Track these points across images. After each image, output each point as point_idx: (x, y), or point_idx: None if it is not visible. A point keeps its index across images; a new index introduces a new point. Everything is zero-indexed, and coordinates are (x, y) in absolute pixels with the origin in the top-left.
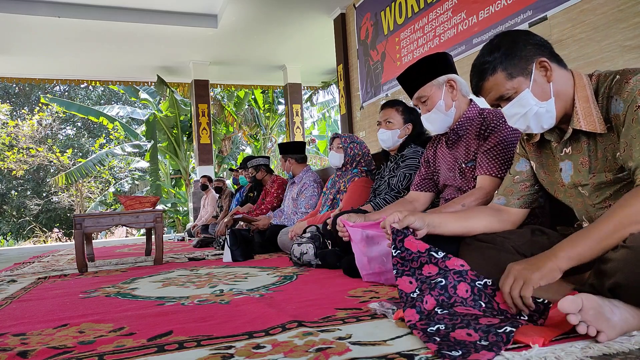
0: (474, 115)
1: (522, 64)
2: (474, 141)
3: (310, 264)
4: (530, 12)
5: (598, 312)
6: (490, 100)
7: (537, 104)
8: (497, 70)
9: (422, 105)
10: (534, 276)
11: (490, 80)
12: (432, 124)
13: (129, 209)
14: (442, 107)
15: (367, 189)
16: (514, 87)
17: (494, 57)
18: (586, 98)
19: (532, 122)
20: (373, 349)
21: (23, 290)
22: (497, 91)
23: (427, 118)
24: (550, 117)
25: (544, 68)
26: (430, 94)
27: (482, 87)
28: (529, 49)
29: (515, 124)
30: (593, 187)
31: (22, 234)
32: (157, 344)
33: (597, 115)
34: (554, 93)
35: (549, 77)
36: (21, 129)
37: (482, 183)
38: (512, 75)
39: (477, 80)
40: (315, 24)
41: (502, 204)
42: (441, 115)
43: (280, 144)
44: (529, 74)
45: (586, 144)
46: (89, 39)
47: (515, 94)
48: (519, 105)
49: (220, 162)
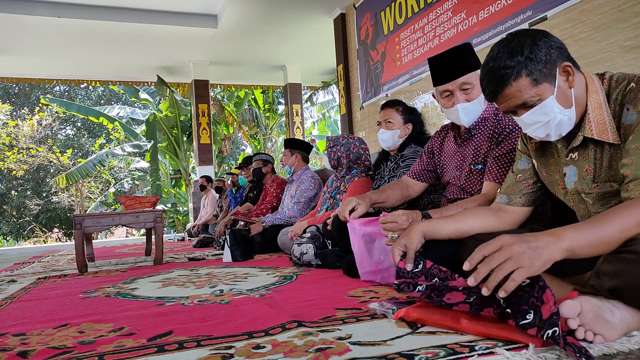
0: (489, 115)
1: (546, 69)
2: (485, 143)
3: (310, 264)
4: (530, 12)
5: (597, 315)
6: (508, 107)
7: (560, 112)
8: (521, 76)
9: (462, 92)
10: (534, 264)
11: (513, 87)
12: (468, 115)
13: (129, 209)
14: (482, 100)
15: (366, 189)
16: (538, 94)
17: (517, 61)
18: (599, 104)
19: (552, 131)
20: (373, 349)
21: (23, 290)
22: (519, 98)
23: (465, 108)
24: (570, 125)
25: (566, 73)
26: (475, 84)
27: (500, 94)
28: (552, 53)
29: (534, 133)
30: (597, 196)
31: (22, 234)
32: (157, 344)
33: (610, 124)
34: (575, 99)
35: (570, 82)
36: (21, 129)
37: (488, 189)
38: (537, 81)
39: (495, 86)
40: (315, 24)
41: (503, 202)
42: (478, 108)
43: (289, 138)
44: (553, 79)
45: (593, 152)
46: (89, 39)
47: (538, 101)
48: (541, 114)
49: (220, 162)
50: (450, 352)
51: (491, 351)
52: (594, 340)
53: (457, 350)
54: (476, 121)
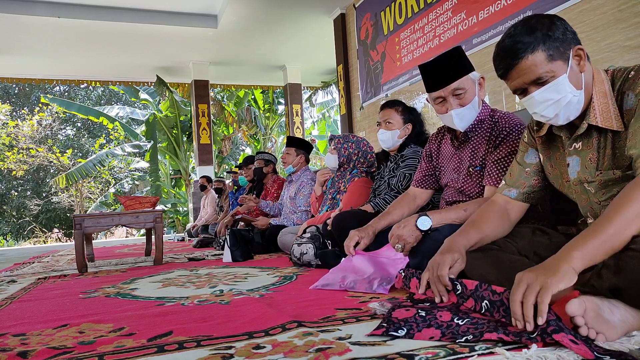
0: (485, 117)
1: (562, 47)
2: (482, 145)
3: (310, 264)
4: (530, 12)
5: (597, 314)
6: (521, 84)
7: (572, 92)
8: (537, 50)
9: (455, 98)
10: (551, 281)
11: (528, 60)
12: (462, 120)
13: (129, 209)
14: (476, 104)
15: (367, 189)
16: (552, 70)
17: (535, 37)
18: (604, 93)
19: (562, 111)
20: (373, 349)
21: (23, 290)
22: (533, 73)
23: (459, 113)
24: (578, 109)
25: (578, 57)
26: (468, 88)
27: (515, 67)
28: (567, 34)
29: (544, 112)
30: (600, 184)
31: (22, 234)
32: (157, 344)
33: (614, 112)
34: (584, 85)
35: (582, 66)
36: (21, 129)
37: (489, 194)
38: (553, 58)
39: (510, 60)
40: (315, 24)
41: (512, 196)
42: (473, 112)
43: (292, 137)
44: (567, 59)
45: (597, 140)
46: (89, 39)
47: (552, 78)
48: (554, 91)
49: (220, 163)
50: (450, 352)
51: (491, 351)
52: (596, 339)
53: (457, 350)
54: (472, 124)
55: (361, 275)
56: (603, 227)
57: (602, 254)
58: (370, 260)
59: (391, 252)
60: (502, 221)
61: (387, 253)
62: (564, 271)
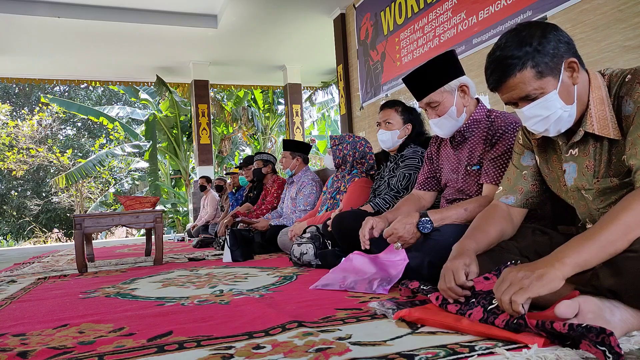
0: (481, 117)
1: (552, 63)
2: (479, 145)
3: (310, 264)
4: (530, 12)
5: (597, 315)
6: (510, 99)
7: (562, 108)
8: (526, 67)
9: (431, 110)
10: (533, 285)
11: (517, 77)
12: (442, 128)
13: (128, 209)
14: (454, 113)
15: (366, 189)
16: (541, 87)
17: (525, 52)
18: (601, 100)
19: (552, 126)
20: (373, 349)
21: (23, 290)
22: (521, 90)
23: (437, 123)
24: (569, 122)
25: (571, 69)
26: (441, 100)
27: (504, 84)
28: (560, 47)
29: (533, 127)
30: (597, 192)
31: (22, 234)
32: (157, 344)
33: (611, 120)
34: (577, 96)
35: (574, 79)
36: (21, 129)
37: (487, 192)
38: (542, 74)
39: (499, 75)
40: (315, 24)
41: (510, 203)
42: (452, 121)
43: (288, 140)
44: (557, 74)
45: (593, 148)
46: (89, 39)
47: (541, 95)
48: (542, 108)
49: (220, 163)
50: (450, 352)
51: (491, 351)
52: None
53: (457, 351)
54: (468, 123)
55: (361, 275)
56: (600, 234)
57: (595, 261)
58: (370, 261)
59: (392, 254)
60: (507, 224)
61: (388, 255)
62: (550, 278)
